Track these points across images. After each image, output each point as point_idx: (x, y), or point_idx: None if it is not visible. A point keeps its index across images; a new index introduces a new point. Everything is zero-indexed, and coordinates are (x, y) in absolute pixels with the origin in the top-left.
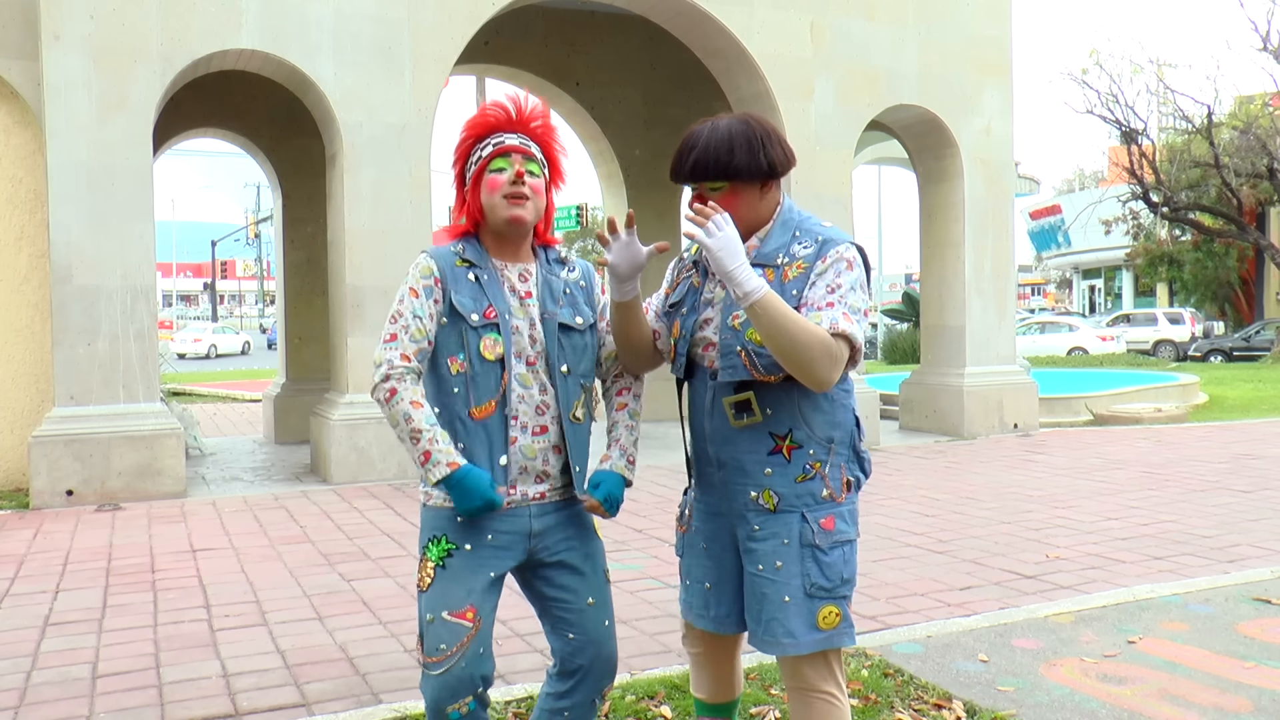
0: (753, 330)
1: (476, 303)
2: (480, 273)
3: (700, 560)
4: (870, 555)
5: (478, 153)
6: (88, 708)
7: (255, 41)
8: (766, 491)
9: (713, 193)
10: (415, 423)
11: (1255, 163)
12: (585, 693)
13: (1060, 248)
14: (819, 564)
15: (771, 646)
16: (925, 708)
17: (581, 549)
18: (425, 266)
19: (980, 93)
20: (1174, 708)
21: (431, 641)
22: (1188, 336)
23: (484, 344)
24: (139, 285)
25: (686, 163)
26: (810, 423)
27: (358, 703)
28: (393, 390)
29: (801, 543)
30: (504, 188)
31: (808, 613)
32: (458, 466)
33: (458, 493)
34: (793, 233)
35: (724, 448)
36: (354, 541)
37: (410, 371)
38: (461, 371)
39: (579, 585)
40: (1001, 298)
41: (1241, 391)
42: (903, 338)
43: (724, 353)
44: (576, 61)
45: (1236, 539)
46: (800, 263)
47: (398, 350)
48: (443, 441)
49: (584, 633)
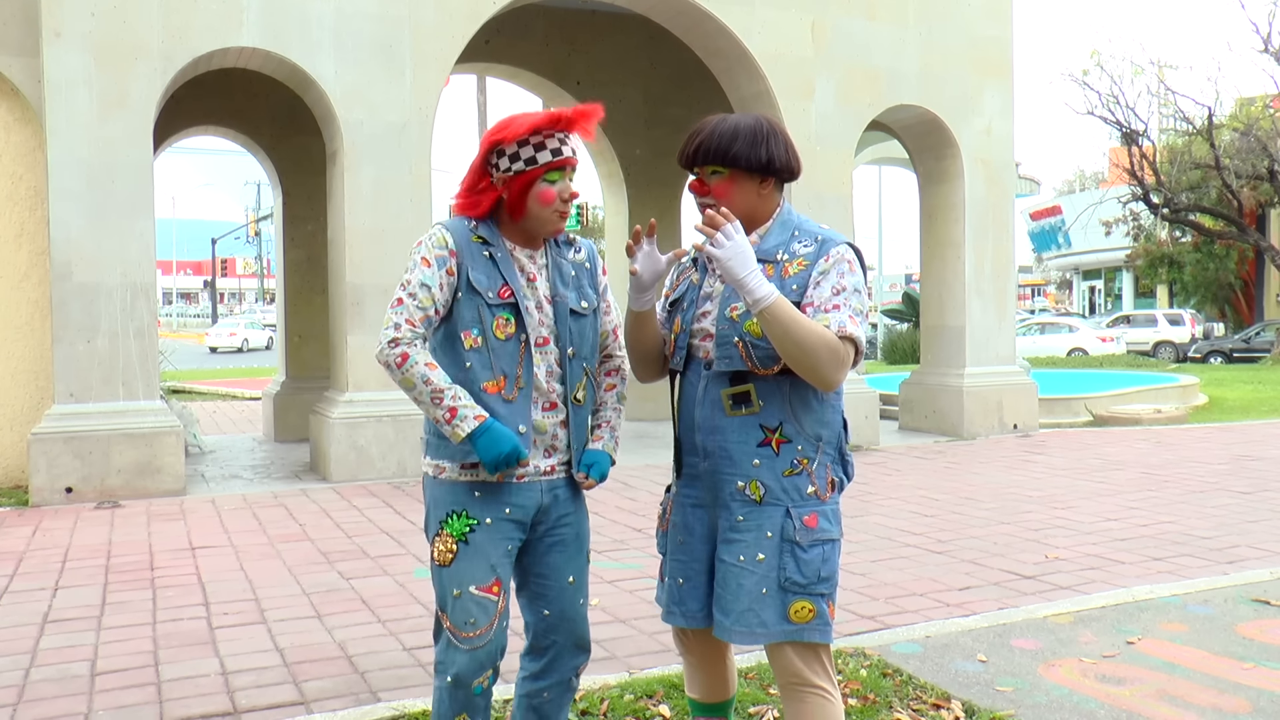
0: (751, 322)
1: (491, 280)
2: (494, 250)
3: (675, 554)
4: (869, 555)
5: (528, 150)
6: (86, 705)
7: (256, 39)
8: (754, 482)
9: (713, 177)
10: (435, 383)
11: (1256, 164)
12: (559, 672)
13: (1060, 249)
14: (796, 560)
15: (743, 636)
16: (924, 708)
17: (575, 526)
18: (441, 237)
19: (981, 93)
20: (1173, 708)
21: (460, 616)
22: (1188, 338)
23: (496, 323)
24: (139, 282)
25: (691, 145)
26: (800, 419)
27: (356, 701)
28: (404, 355)
29: (782, 537)
30: (556, 204)
31: (780, 604)
32: (485, 418)
33: (486, 441)
34: (792, 232)
35: (713, 437)
36: (353, 540)
37: (418, 336)
38: (475, 346)
39: (564, 563)
40: (1001, 298)
41: (1241, 393)
42: (903, 338)
43: (720, 343)
44: (577, 61)
45: (1235, 540)
46: (801, 260)
47: (404, 315)
48: (464, 397)
49: (559, 610)
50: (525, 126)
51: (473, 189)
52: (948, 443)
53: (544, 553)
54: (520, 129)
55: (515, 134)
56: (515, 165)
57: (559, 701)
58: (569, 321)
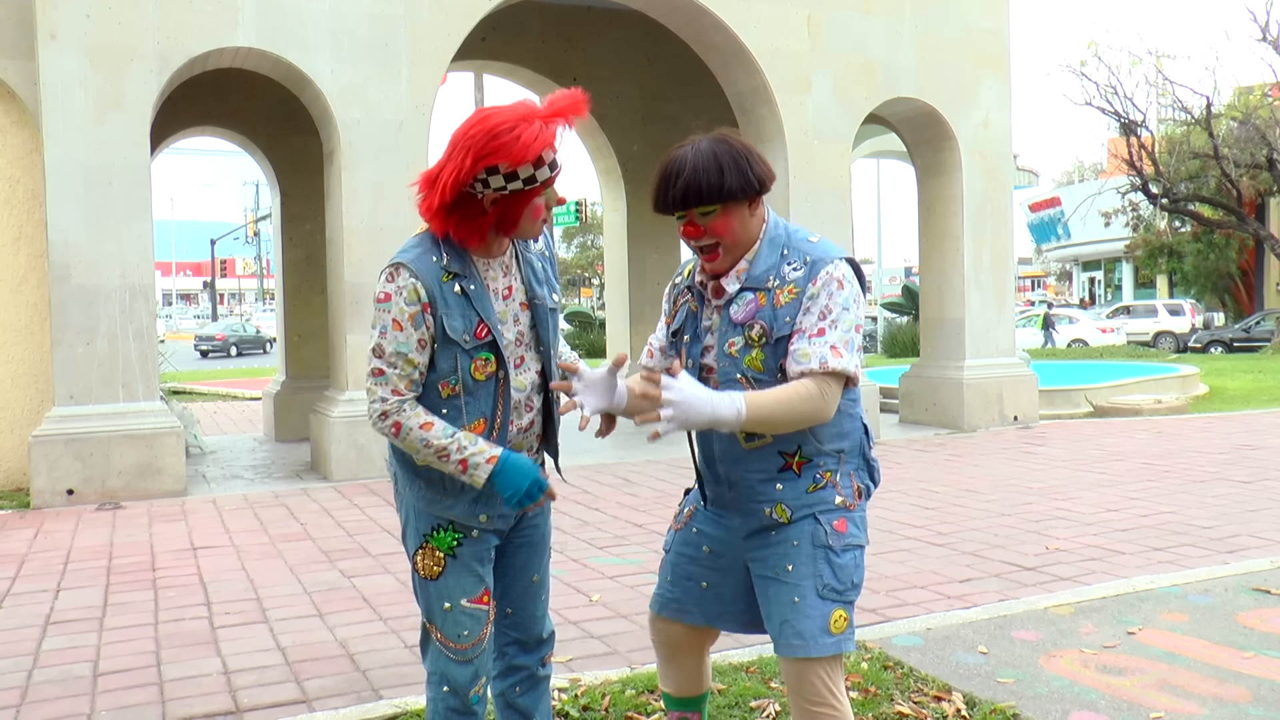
0: (749, 357)
1: (466, 322)
2: (466, 283)
3: (701, 561)
4: (870, 549)
5: (528, 169)
6: (89, 705)
7: (252, 40)
8: (779, 505)
9: (704, 217)
10: (435, 443)
11: (1255, 153)
12: (524, 669)
13: (1060, 240)
14: (832, 565)
15: (784, 649)
16: (925, 700)
17: (542, 527)
18: (411, 290)
19: (978, 85)
20: (1173, 698)
21: (452, 629)
22: (1188, 328)
23: (474, 365)
24: (138, 284)
25: (675, 189)
26: (818, 437)
27: (358, 699)
28: (396, 425)
29: (814, 544)
30: (543, 214)
31: (820, 616)
32: (497, 459)
33: (503, 481)
34: (780, 251)
35: (734, 468)
36: (354, 538)
37: (405, 401)
38: (454, 395)
39: (527, 563)
40: (1000, 290)
41: (1242, 382)
42: (903, 331)
43: (724, 380)
44: (573, 57)
45: (1236, 530)
46: (791, 287)
47: (388, 386)
48: (470, 444)
49: (521, 608)
50: (531, 151)
51: (465, 214)
52: (948, 435)
53: (511, 553)
54: (525, 153)
55: (520, 158)
56: (513, 185)
57: (533, 694)
58: (547, 322)
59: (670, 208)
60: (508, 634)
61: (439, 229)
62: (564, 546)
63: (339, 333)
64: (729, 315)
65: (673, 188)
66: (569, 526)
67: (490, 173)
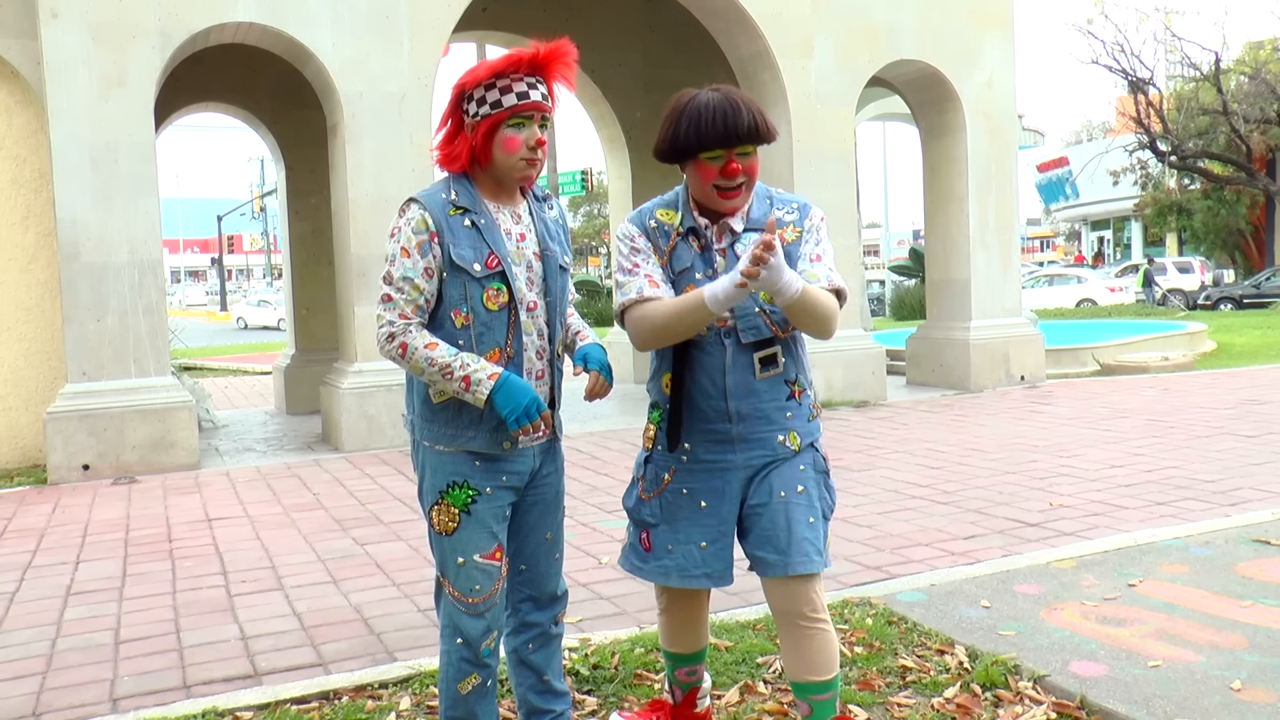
0: (765, 293)
1: (477, 252)
2: (476, 218)
3: (696, 519)
4: (876, 507)
5: (494, 94)
6: (111, 672)
7: (253, 14)
8: (792, 434)
9: (743, 157)
10: (439, 361)
11: (1264, 108)
12: (536, 625)
13: (1068, 200)
14: (827, 489)
15: (803, 564)
16: (928, 653)
17: (555, 484)
18: (419, 220)
19: (981, 46)
20: (1171, 647)
21: (465, 584)
22: (1197, 285)
23: (486, 294)
24: (146, 260)
25: (715, 126)
26: (803, 365)
27: (373, 661)
28: (403, 345)
29: (816, 469)
30: (522, 151)
31: (823, 536)
32: (499, 375)
33: (503, 397)
34: (768, 199)
35: (746, 400)
36: (366, 507)
37: (412, 324)
38: (466, 324)
39: (541, 521)
40: (1006, 250)
41: (1250, 338)
42: (910, 293)
43: (742, 315)
44: (575, 25)
45: (1239, 483)
46: (793, 227)
47: (395, 311)
48: (473, 362)
49: (534, 566)
50: (487, 70)
51: (450, 140)
52: (955, 396)
53: (525, 511)
54: (482, 73)
55: (478, 78)
56: (481, 110)
57: (545, 651)
58: (558, 277)
59: (727, 141)
60: (521, 590)
61: (442, 162)
62: (574, 511)
63: (347, 304)
64: (735, 254)
65: (728, 122)
66: (579, 491)
67: (467, 100)
